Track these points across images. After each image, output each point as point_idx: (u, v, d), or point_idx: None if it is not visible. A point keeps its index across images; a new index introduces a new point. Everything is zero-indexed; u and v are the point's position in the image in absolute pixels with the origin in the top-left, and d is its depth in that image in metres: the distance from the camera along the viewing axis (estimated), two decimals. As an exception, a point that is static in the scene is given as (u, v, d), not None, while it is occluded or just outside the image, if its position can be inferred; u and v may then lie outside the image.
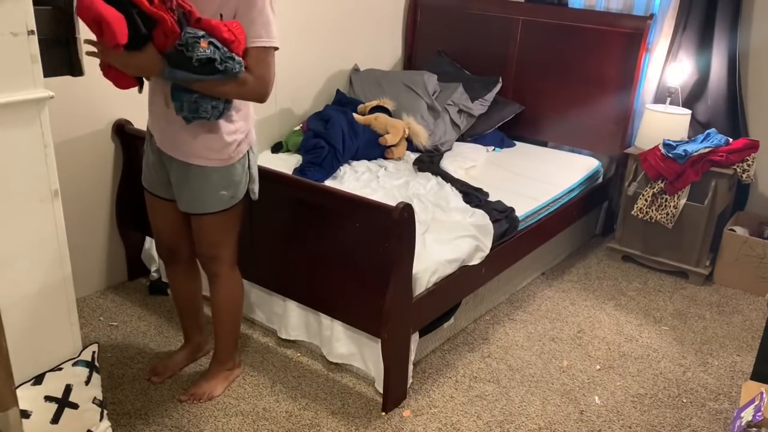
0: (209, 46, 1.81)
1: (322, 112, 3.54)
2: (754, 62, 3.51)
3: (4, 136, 1.58)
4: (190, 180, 2.11)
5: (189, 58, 1.80)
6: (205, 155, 2.07)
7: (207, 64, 1.82)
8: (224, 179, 2.12)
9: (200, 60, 1.81)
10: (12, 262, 1.68)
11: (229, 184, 2.14)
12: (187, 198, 2.15)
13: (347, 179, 3.19)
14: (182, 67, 1.84)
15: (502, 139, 3.95)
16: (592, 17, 3.73)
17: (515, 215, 2.96)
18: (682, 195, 3.35)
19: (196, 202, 2.14)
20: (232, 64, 1.85)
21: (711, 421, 2.44)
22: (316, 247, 2.45)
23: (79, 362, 1.86)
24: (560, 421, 2.40)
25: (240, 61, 1.88)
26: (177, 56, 1.82)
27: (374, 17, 4.09)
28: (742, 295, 3.37)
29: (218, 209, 2.15)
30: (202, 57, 1.80)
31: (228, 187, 2.13)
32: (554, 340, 2.89)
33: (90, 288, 3.05)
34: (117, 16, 1.72)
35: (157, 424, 2.29)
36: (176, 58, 1.83)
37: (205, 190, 2.11)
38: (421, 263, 2.42)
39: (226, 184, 2.13)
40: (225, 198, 2.14)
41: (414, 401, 2.46)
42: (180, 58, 1.82)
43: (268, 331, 2.83)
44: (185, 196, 2.15)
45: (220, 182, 2.11)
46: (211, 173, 2.10)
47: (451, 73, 4.06)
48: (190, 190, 2.13)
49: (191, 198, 2.14)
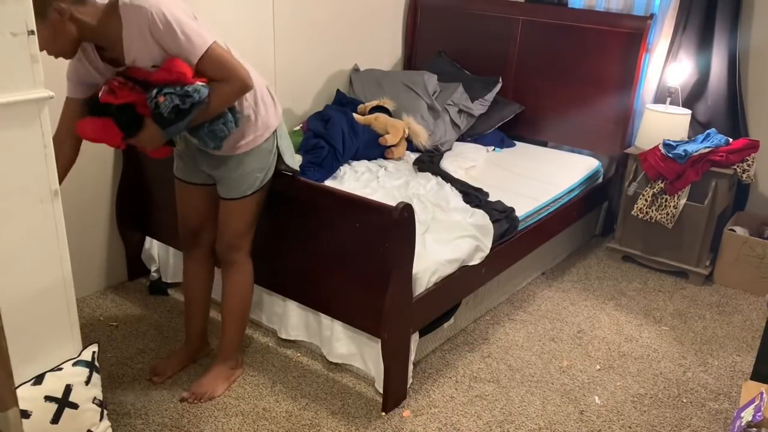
0: (166, 98, 1.92)
1: (322, 112, 3.54)
2: (754, 62, 3.51)
3: (4, 136, 1.58)
4: (228, 167, 2.22)
5: (162, 115, 1.95)
6: (234, 144, 2.18)
7: (177, 111, 1.94)
8: (256, 161, 2.24)
9: (170, 111, 1.93)
10: (12, 262, 1.68)
11: (262, 165, 2.26)
12: (226, 184, 2.27)
13: (347, 179, 3.19)
14: (168, 123, 1.97)
15: (502, 139, 3.95)
16: (592, 17, 3.73)
17: (515, 215, 2.96)
18: (682, 195, 3.35)
19: (233, 187, 2.26)
20: (192, 96, 1.94)
21: (711, 421, 2.44)
22: (317, 247, 2.45)
23: (79, 362, 1.86)
24: (560, 421, 2.40)
25: (196, 87, 1.94)
26: (158, 119, 1.97)
27: (374, 17, 4.09)
28: (742, 295, 3.37)
29: (251, 192, 2.26)
30: (168, 108, 1.92)
31: (261, 169, 2.26)
32: (554, 340, 2.89)
33: (90, 288, 3.05)
34: (103, 126, 1.98)
35: (157, 424, 2.29)
36: (159, 121, 1.98)
37: (241, 175, 2.23)
38: (421, 263, 2.42)
39: (260, 166, 2.25)
40: (258, 180, 2.26)
41: (414, 401, 2.46)
42: (160, 119, 1.97)
43: (268, 331, 2.83)
44: (224, 182, 2.26)
45: (254, 165, 2.24)
46: (244, 158, 2.21)
47: (451, 73, 4.06)
48: (228, 178, 2.24)
49: (229, 184, 2.26)
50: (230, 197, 2.27)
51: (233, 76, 2.01)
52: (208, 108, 1.99)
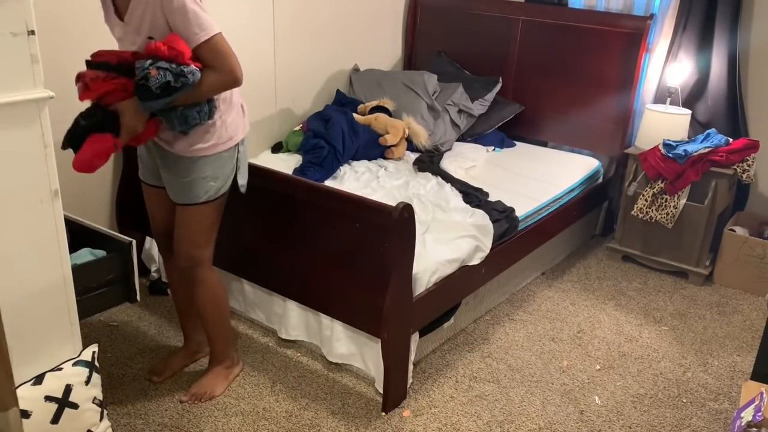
0: (159, 72, 1.89)
1: (322, 112, 3.54)
2: (754, 62, 3.51)
3: (4, 136, 1.58)
4: (179, 169, 2.15)
5: (149, 88, 1.90)
6: (193, 145, 2.12)
7: (166, 87, 1.90)
8: (211, 168, 2.16)
9: (159, 87, 1.89)
10: (12, 262, 1.68)
11: (217, 175, 2.17)
12: (176, 188, 2.20)
13: (347, 179, 3.19)
14: (150, 98, 1.92)
15: (502, 139, 3.95)
16: (592, 17, 3.73)
17: (515, 215, 2.96)
18: (682, 195, 3.35)
19: (184, 191, 2.18)
20: (186, 77, 1.92)
21: (711, 421, 2.44)
22: (316, 247, 2.45)
23: (79, 362, 1.86)
24: (560, 421, 2.40)
25: (192, 69, 1.93)
26: (141, 91, 1.92)
27: (374, 17, 4.09)
28: (742, 295, 3.37)
29: (205, 200, 2.18)
30: (159, 83, 1.89)
31: (216, 178, 2.17)
32: (554, 340, 2.89)
33: (90, 288, 3.05)
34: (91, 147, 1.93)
35: (157, 424, 2.29)
36: (142, 93, 1.93)
37: (193, 180, 2.15)
38: (421, 263, 2.42)
39: (214, 174, 2.17)
40: (212, 189, 2.18)
41: (414, 401, 2.46)
42: (144, 91, 1.92)
43: (268, 331, 2.83)
44: (174, 186, 2.20)
45: (208, 171, 2.15)
46: (199, 162, 2.14)
47: (451, 73, 4.06)
48: (179, 180, 2.17)
49: (180, 188, 2.19)
50: (182, 202, 2.19)
51: (228, 68, 2.00)
52: (194, 92, 1.96)
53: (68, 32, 2.68)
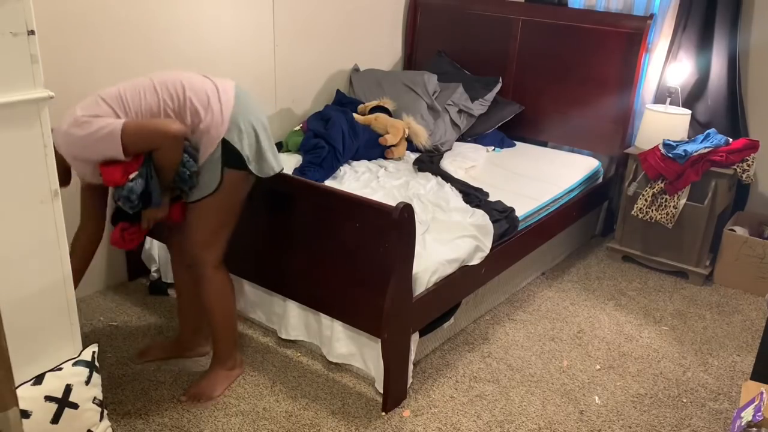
0: (128, 188, 2.06)
1: (322, 112, 3.54)
2: (754, 62, 3.51)
3: (4, 136, 1.58)
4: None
5: (131, 203, 2.09)
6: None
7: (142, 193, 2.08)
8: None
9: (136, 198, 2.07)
10: (12, 262, 1.68)
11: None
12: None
13: (347, 179, 3.19)
14: (138, 205, 2.10)
15: (502, 139, 3.95)
16: (592, 17, 3.73)
17: (515, 215, 2.96)
18: (682, 195, 3.35)
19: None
20: (150, 177, 2.07)
21: (711, 421, 2.44)
22: (316, 247, 2.45)
23: (79, 362, 1.86)
24: (560, 421, 2.40)
25: (141, 172, 2.05)
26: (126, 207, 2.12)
27: (374, 17, 4.09)
28: (742, 295, 3.37)
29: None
30: (133, 199, 2.07)
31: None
32: (554, 340, 2.90)
33: (90, 288, 3.05)
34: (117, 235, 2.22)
35: (157, 424, 2.29)
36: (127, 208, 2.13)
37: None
38: (421, 263, 2.42)
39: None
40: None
41: (414, 401, 2.46)
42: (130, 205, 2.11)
43: (268, 331, 2.83)
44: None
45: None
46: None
47: (451, 73, 4.06)
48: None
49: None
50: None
51: (157, 139, 2.02)
52: (163, 173, 2.08)
53: (68, 32, 2.68)
